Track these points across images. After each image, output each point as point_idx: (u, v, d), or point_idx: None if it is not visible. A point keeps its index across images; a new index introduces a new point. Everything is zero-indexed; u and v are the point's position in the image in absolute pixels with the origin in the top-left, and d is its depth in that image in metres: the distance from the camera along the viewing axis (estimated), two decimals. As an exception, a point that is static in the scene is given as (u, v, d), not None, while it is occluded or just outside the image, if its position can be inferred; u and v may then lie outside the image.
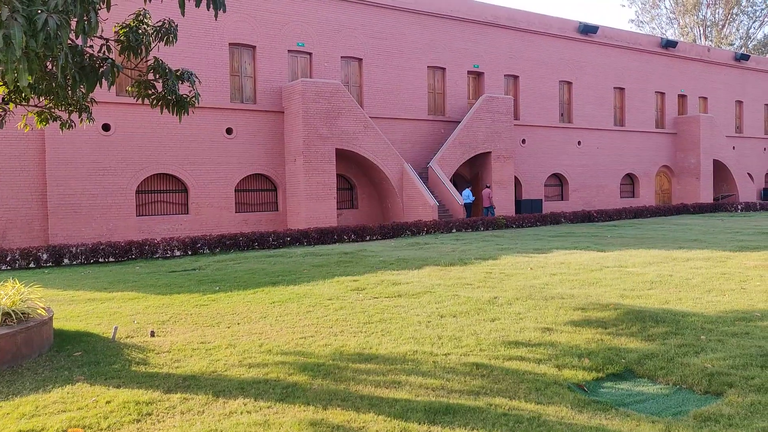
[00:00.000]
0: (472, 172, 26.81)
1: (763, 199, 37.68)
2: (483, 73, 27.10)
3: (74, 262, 14.93)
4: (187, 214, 20.46)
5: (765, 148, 40.66)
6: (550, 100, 29.35)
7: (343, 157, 22.62)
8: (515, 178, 27.40)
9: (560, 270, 11.41)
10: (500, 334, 6.85)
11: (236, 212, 21.35)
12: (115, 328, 7.33)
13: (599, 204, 30.64)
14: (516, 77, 28.30)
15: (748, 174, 37.72)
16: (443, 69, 26.06)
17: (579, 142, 30.37)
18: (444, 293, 9.32)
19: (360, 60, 23.91)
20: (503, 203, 25.51)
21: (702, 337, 6.49)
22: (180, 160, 20.16)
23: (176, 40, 7.09)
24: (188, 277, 12.01)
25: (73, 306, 9.25)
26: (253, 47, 21.68)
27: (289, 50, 22.35)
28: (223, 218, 20.93)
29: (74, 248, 15.13)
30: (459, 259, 13.22)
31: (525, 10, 29.05)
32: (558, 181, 30.21)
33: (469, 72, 26.88)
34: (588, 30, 30.38)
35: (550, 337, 6.70)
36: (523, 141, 28.22)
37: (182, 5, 5.61)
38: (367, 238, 19.04)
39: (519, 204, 26.93)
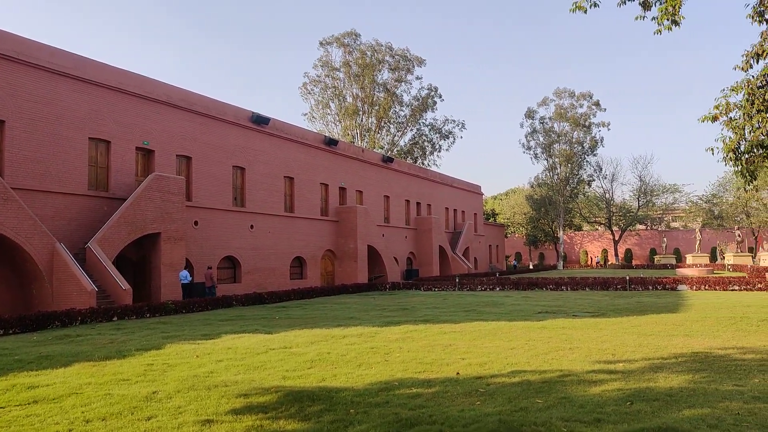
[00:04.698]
0: (138, 254, 24.99)
1: (406, 279, 44.18)
2: (154, 150, 26.09)
3: None
4: None
5: (406, 236, 48.21)
6: (224, 183, 29.77)
7: (-27, 234, 18.72)
8: (187, 260, 26.50)
9: (227, 356, 11.14)
10: (153, 435, 6.19)
11: None
12: None
13: (271, 286, 31.63)
14: (189, 158, 28.02)
15: (395, 258, 43.96)
16: (108, 142, 24.22)
17: (252, 226, 31.26)
18: (94, 393, 8.14)
19: (2, 122, 20.62)
20: (174, 287, 24.27)
21: (351, 410, 6.93)
22: None
23: None
24: None
25: None
26: None
27: None
28: None
29: None
30: (117, 352, 11.89)
31: (200, 93, 29.29)
32: (231, 263, 30.31)
33: (138, 148, 25.56)
34: (260, 121, 32.23)
35: (209, 430, 6.35)
36: (196, 223, 27.73)
37: None
38: (1, 332, 15.78)
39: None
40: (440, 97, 67.42)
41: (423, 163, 67.05)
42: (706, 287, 28.54)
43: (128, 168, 24.96)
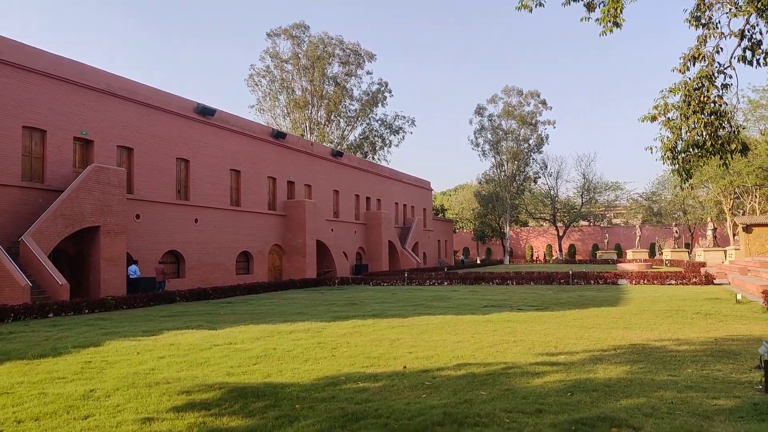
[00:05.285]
0: (77, 249, 24.01)
1: (355, 273, 44.13)
2: (93, 141, 25.06)
3: None
4: None
5: (355, 231, 48.14)
6: (168, 176, 28.91)
7: None
8: (128, 254, 25.64)
9: (169, 352, 10.84)
10: (90, 435, 5.95)
11: None
12: None
13: (216, 281, 30.99)
14: (131, 149, 27.07)
15: (344, 252, 43.84)
16: (43, 131, 23.13)
17: (196, 220, 30.51)
18: (27, 392, 7.78)
19: (-73, 108, 19.39)
20: (114, 282, 23.45)
21: (297, 406, 6.85)
22: None
23: None
24: None
25: None
26: None
27: None
28: None
29: None
30: (53, 349, 11.40)
31: (143, 83, 28.33)
32: (175, 258, 29.51)
33: (76, 138, 24.50)
34: (206, 112, 31.45)
35: (150, 428, 6.14)
36: (138, 216, 26.84)
37: None
38: (-77, 330, 14.86)
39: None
40: (390, 92, 67.57)
41: (373, 158, 67.02)
42: (645, 281, 29.67)
43: (65, 158, 23.91)
